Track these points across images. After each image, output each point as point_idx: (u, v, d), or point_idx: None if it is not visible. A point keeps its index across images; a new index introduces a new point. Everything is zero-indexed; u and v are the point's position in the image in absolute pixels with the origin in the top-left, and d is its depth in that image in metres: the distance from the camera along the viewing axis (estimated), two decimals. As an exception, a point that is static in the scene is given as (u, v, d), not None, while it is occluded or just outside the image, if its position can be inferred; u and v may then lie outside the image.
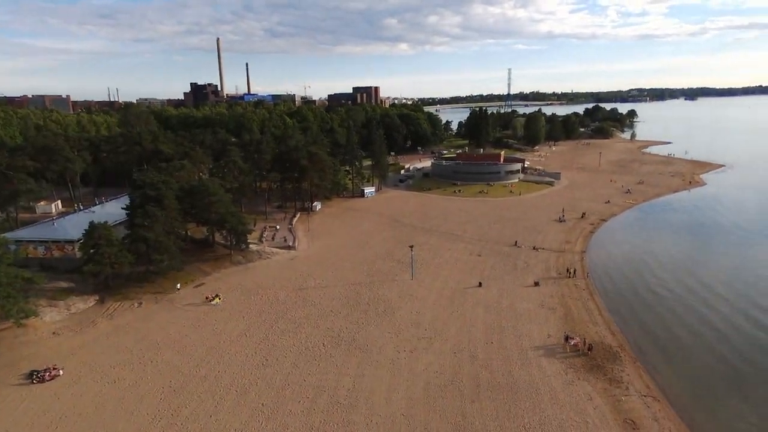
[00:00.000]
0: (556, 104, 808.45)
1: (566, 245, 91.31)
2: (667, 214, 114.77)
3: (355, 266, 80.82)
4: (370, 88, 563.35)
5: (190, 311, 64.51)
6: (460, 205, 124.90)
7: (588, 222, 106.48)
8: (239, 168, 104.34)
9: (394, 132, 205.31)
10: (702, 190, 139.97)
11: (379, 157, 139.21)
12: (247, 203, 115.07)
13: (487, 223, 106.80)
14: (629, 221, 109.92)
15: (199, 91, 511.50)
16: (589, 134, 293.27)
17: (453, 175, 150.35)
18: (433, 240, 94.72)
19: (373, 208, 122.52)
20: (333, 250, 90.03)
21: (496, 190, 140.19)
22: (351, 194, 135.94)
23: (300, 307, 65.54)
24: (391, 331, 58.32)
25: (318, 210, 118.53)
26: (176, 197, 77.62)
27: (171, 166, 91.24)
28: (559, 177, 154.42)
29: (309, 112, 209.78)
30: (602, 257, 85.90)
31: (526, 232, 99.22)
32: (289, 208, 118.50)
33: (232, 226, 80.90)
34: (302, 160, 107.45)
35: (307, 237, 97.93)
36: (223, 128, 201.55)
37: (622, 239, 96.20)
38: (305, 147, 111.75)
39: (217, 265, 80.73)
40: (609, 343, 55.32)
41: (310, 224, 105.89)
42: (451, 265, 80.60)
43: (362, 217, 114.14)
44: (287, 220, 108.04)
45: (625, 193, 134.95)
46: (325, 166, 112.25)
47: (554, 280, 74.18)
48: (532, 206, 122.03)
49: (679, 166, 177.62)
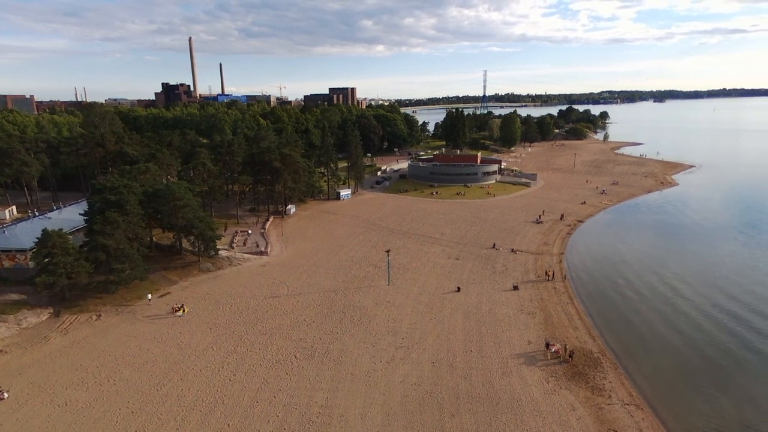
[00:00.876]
0: (530, 106, 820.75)
1: (544, 247, 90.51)
2: (642, 215, 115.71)
3: (330, 272, 78.01)
4: (346, 89, 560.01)
5: (153, 323, 60.62)
6: (438, 207, 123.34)
7: (565, 223, 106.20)
8: (209, 170, 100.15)
9: (370, 133, 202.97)
10: (674, 190, 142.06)
11: (355, 159, 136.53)
12: (218, 207, 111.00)
13: (465, 225, 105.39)
14: (605, 222, 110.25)
15: (171, 91, 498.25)
16: (564, 135, 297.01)
17: (430, 176, 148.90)
18: (411, 243, 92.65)
19: (349, 210, 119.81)
20: (307, 255, 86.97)
21: (474, 191, 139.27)
22: (327, 197, 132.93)
23: (271, 316, 62.40)
24: (367, 341, 55.83)
25: (292, 213, 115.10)
26: (139, 202, 73.39)
27: (135, 168, 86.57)
28: (536, 178, 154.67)
29: (283, 112, 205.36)
30: (580, 259, 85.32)
31: (504, 234, 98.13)
32: (262, 211, 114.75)
33: (200, 232, 77.05)
34: (275, 162, 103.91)
35: (281, 242, 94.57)
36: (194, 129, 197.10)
37: (599, 240, 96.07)
38: (278, 148, 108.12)
39: (184, 273, 76.73)
40: (590, 349, 54.09)
41: (284, 228, 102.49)
42: (428, 270, 78.60)
43: (338, 220, 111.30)
44: (260, 224, 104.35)
45: (601, 193, 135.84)
46: (299, 168, 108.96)
47: (533, 283, 72.94)
48: (510, 208, 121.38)
49: (652, 167, 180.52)
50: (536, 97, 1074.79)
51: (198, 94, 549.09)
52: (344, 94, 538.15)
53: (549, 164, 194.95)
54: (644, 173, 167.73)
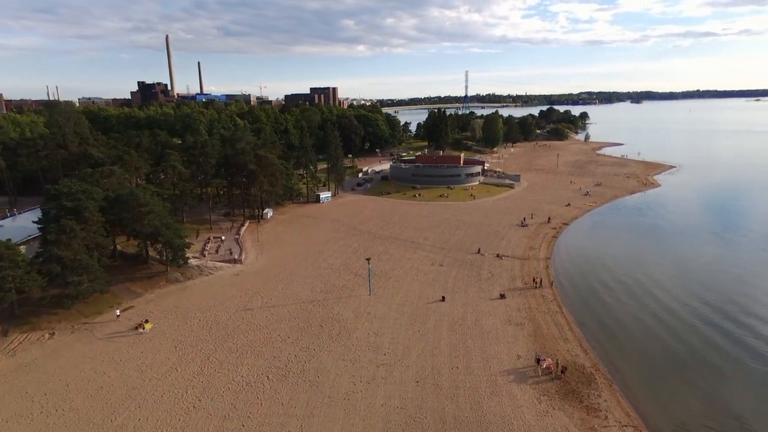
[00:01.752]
0: (511, 106, 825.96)
1: (530, 252, 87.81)
2: (627, 217, 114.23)
3: (308, 281, 73.77)
4: (328, 88, 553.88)
5: (113, 342, 55.59)
6: (420, 209, 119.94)
7: (551, 226, 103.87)
8: (179, 173, 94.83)
9: (351, 133, 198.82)
10: (657, 191, 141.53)
11: (336, 160, 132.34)
12: (191, 212, 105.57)
13: (449, 229, 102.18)
14: (591, 224, 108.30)
15: (148, 90, 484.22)
16: (545, 136, 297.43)
17: (412, 178, 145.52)
18: (393, 249, 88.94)
19: (329, 214, 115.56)
20: (284, 262, 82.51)
21: (457, 193, 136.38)
22: (306, 200, 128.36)
23: (243, 331, 57.95)
24: (347, 358, 51.89)
25: (269, 217, 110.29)
26: (100, 208, 68.01)
27: (97, 172, 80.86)
28: (519, 179, 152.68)
29: (261, 112, 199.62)
30: (567, 264, 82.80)
31: (488, 238, 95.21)
32: (238, 215, 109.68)
33: (168, 240, 71.95)
34: (250, 165, 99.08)
35: (256, 248, 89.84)
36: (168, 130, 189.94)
37: (586, 244, 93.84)
38: (253, 150, 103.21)
39: (150, 285, 71.57)
40: (582, 363, 51.14)
41: (260, 234, 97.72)
42: (411, 277, 75.00)
43: (317, 224, 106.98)
44: (234, 230, 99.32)
45: (585, 195, 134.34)
46: (275, 171, 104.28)
47: (520, 291, 69.95)
48: (494, 210, 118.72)
49: (634, 168, 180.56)
50: (517, 97, 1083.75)
51: (176, 94, 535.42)
52: (326, 94, 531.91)
53: (532, 165, 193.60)
54: (626, 174, 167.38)
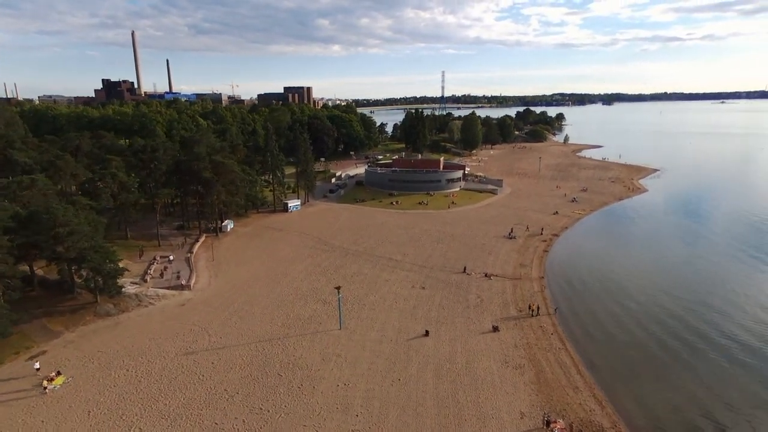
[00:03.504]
0: (486, 107, 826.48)
1: (521, 270, 78.69)
2: (619, 226, 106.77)
3: (268, 311, 62.62)
4: (302, 88, 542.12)
5: (6, 407, 43.33)
6: (398, 219, 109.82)
7: (540, 238, 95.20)
8: (120, 182, 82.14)
9: (323, 135, 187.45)
10: (645, 197, 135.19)
11: (305, 165, 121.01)
12: (138, 225, 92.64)
13: (430, 242, 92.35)
14: (582, 235, 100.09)
15: (113, 88, 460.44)
16: (524, 137, 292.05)
17: (389, 184, 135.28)
18: (368, 268, 78.48)
19: (298, 225, 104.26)
20: (241, 287, 71.03)
21: (437, 200, 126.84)
22: (272, 208, 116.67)
23: (181, 386, 46.48)
24: (309, 423, 41.16)
25: (229, 231, 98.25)
26: (6, 229, 55.31)
27: (14, 182, 67.76)
28: (502, 184, 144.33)
29: (227, 112, 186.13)
30: (563, 284, 73.91)
31: (474, 253, 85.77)
32: (193, 228, 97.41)
33: (96, 265, 59.66)
34: (204, 172, 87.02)
35: (210, 269, 78.00)
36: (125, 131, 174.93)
37: (580, 260, 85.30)
38: (209, 155, 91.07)
39: (73, 320, 59.15)
40: (599, 422, 41.74)
41: (217, 250, 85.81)
42: (389, 305, 64.69)
43: (283, 238, 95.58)
44: (187, 246, 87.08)
45: (572, 201, 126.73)
46: (235, 179, 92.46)
47: (515, 320, 60.49)
48: (477, 219, 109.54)
49: (617, 171, 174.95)
50: (492, 98, 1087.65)
51: (143, 92, 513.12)
52: (300, 94, 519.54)
53: (513, 168, 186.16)
54: (611, 178, 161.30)
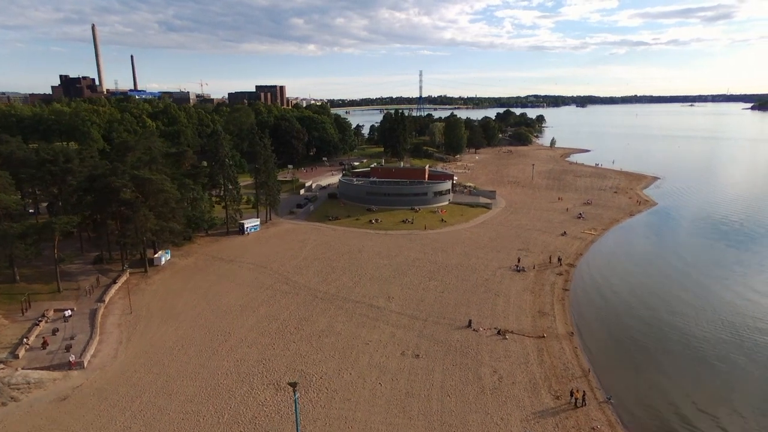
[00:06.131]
0: (462, 108, 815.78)
1: (542, 320, 60.35)
2: (643, 250, 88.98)
3: (191, 409, 42.21)
4: (275, 87, 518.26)
5: None
6: (379, 244, 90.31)
7: (554, 271, 77.24)
8: (2, 204, 60.10)
9: (292, 139, 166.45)
10: (657, 211, 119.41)
11: (266, 177, 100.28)
12: (28, 262, 69.45)
13: (420, 278, 73.24)
14: (605, 266, 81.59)
15: (71, 84, 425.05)
16: (508, 141, 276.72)
17: (367, 197, 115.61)
18: (342, 322, 58.73)
19: (254, 254, 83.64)
20: (161, 360, 50.27)
21: (423, 217, 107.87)
22: (225, 229, 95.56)
23: None
24: None
25: (164, 264, 76.90)
26: None
27: None
28: (495, 197, 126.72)
29: (180, 112, 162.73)
30: (605, 342, 55.77)
31: (477, 295, 67.05)
32: (116, 262, 75.70)
33: None
34: (124, 192, 65.55)
35: (123, 328, 56.78)
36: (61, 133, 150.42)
37: (614, 300, 67.54)
38: (131, 169, 69.44)
39: None
40: None
41: (139, 297, 64.54)
42: (371, 390, 45.17)
43: (233, 273, 74.83)
44: (99, 290, 65.44)
45: (578, 218, 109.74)
46: (168, 199, 71.19)
47: (553, 416, 41.81)
48: (474, 243, 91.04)
49: (616, 179, 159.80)
50: (468, 99, 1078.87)
51: (104, 89, 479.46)
52: (272, 93, 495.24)
53: (503, 176, 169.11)
54: (612, 188, 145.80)
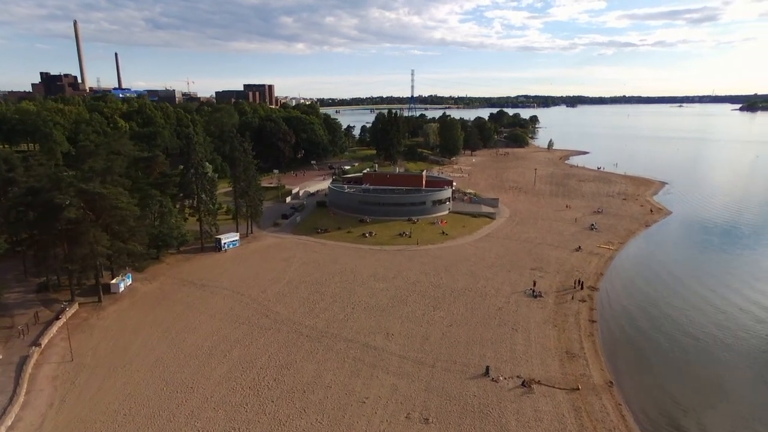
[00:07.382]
0: (453, 108, 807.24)
1: (572, 364, 50.37)
2: (672, 269, 78.59)
3: None
4: (263, 86, 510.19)
5: None
6: (375, 263, 79.81)
7: (575, 296, 67.42)
8: None
9: (279, 141, 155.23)
10: (674, 221, 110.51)
11: (246, 185, 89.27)
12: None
13: (424, 308, 62.87)
14: (630, 287, 71.72)
15: (52, 82, 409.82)
16: (504, 142, 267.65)
17: (360, 207, 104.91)
18: (331, 371, 48.11)
19: (231, 277, 72.65)
20: (101, 425, 39.28)
21: (422, 230, 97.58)
22: (200, 245, 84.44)
23: None
24: None
25: (123, 290, 65.62)
26: None
27: None
28: (498, 205, 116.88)
29: (157, 111, 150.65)
30: (651, 398, 46.01)
31: (491, 329, 56.91)
32: (64, 288, 64.31)
33: None
34: (69, 210, 54.23)
35: (58, 383, 45.57)
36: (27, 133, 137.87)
37: (655, 337, 57.98)
38: (78, 182, 57.91)
39: None
40: None
41: (85, 337, 53.33)
42: (370, 477, 34.74)
43: (204, 302, 63.80)
44: (36, 329, 54.08)
45: (590, 229, 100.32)
46: (125, 217, 59.95)
47: None
48: (481, 261, 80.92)
49: (622, 184, 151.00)
50: (458, 99, 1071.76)
51: (87, 87, 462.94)
52: (261, 92, 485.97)
53: (503, 180, 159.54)
54: (620, 194, 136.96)
